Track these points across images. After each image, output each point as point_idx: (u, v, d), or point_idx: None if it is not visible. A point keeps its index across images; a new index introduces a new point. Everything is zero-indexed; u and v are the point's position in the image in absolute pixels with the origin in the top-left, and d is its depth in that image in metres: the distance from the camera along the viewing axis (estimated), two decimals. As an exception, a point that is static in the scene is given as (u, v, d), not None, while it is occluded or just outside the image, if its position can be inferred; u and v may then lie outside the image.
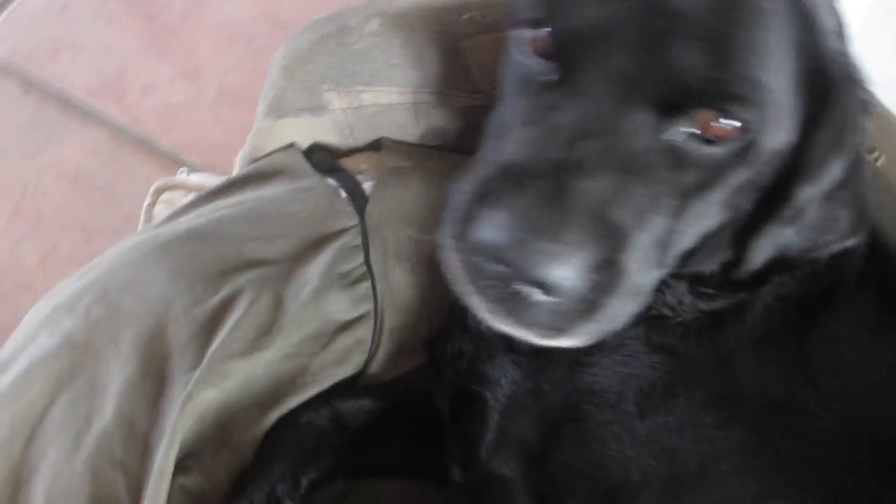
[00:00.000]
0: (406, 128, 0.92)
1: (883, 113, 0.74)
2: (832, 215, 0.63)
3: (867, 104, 0.60)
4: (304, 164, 0.88)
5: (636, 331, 0.66)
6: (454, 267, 0.53)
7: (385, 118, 0.91)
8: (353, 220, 0.85)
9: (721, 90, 0.51)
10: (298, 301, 0.78)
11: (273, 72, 0.90)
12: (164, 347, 0.75)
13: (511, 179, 0.50)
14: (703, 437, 0.61)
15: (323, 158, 0.90)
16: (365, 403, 0.80)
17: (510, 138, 0.55)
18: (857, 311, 0.68)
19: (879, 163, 0.74)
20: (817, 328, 0.65)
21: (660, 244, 0.55)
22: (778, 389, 0.63)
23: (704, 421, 0.62)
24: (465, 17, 0.89)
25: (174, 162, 1.22)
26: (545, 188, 0.48)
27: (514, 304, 0.50)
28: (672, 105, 0.51)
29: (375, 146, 0.93)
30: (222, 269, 0.79)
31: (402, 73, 0.89)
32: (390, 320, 0.83)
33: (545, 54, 0.56)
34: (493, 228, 0.48)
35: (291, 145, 0.90)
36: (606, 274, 0.49)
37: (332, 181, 0.88)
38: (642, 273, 0.53)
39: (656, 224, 0.53)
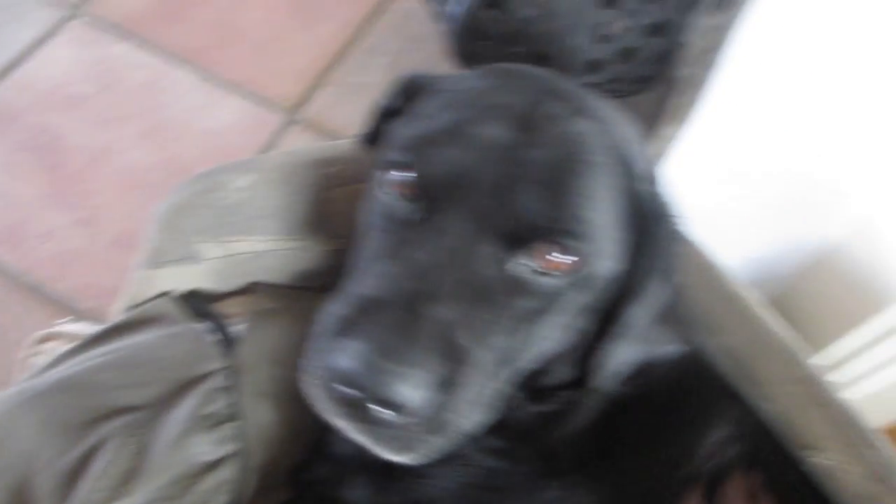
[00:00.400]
0: (276, 272, 0.97)
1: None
2: (662, 333, 0.72)
3: (676, 234, 0.70)
4: (177, 311, 0.92)
5: (478, 441, 0.71)
6: (317, 395, 0.58)
7: (257, 264, 0.96)
8: (220, 363, 0.89)
9: (556, 227, 0.59)
10: (163, 446, 0.80)
11: (151, 225, 0.96)
12: (29, 501, 0.76)
13: (367, 310, 0.55)
14: None
15: (195, 304, 0.94)
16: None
17: (371, 272, 0.61)
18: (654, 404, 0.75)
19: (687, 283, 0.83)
20: (615, 423, 0.73)
21: (501, 362, 0.61)
22: (587, 478, 0.70)
23: None
24: (331, 170, 0.98)
25: (66, 308, 1.25)
26: (397, 316, 0.54)
27: (370, 425, 0.54)
28: (516, 240, 0.59)
29: (247, 290, 0.98)
30: (89, 418, 0.81)
31: (273, 223, 0.95)
32: (257, 458, 0.85)
33: (409, 196, 0.63)
34: (346, 356, 0.52)
35: (166, 293, 0.94)
36: (448, 392, 0.54)
37: (202, 326, 0.92)
38: (482, 388, 0.58)
39: (497, 344, 0.59)
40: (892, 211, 0.81)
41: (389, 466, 0.73)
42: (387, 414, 0.52)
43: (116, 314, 0.97)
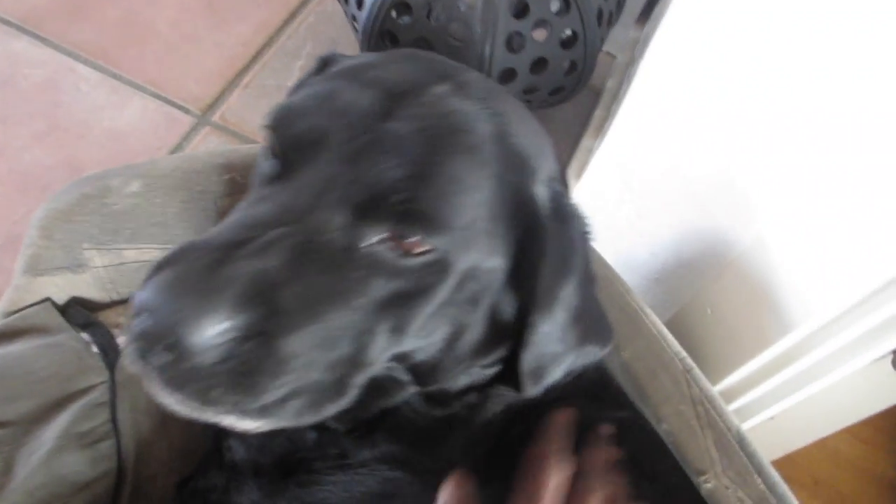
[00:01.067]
0: (168, 281, 0.94)
1: None
2: (578, 336, 0.69)
3: (587, 236, 0.68)
4: (57, 319, 0.88)
5: (376, 448, 0.70)
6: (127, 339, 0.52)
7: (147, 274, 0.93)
8: (101, 377, 0.84)
9: (407, 208, 0.55)
10: (29, 464, 0.75)
11: (31, 230, 0.91)
12: None
13: (186, 251, 0.51)
14: None
15: (78, 313, 0.90)
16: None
17: (219, 224, 0.58)
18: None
19: None
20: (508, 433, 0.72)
21: (348, 339, 0.57)
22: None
23: None
24: (225, 177, 0.94)
25: (-51, 314, 1.18)
26: (208, 260, 0.49)
27: (168, 371, 0.49)
28: (366, 213, 0.55)
29: (135, 300, 0.94)
30: (-49, 433, 0.76)
31: (164, 231, 0.91)
32: (134, 476, 0.82)
33: (272, 154, 0.61)
34: (146, 290, 0.48)
35: (46, 300, 0.89)
36: (255, 346, 0.50)
37: (85, 336, 0.88)
38: (309, 360, 0.54)
39: (337, 319, 0.55)
40: (782, 233, 0.83)
41: (281, 472, 0.72)
42: (170, 355, 0.48)
43: (-7, 323, 0.92)
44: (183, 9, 1.75)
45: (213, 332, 0.48)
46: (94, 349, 0.87)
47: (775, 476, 0.72)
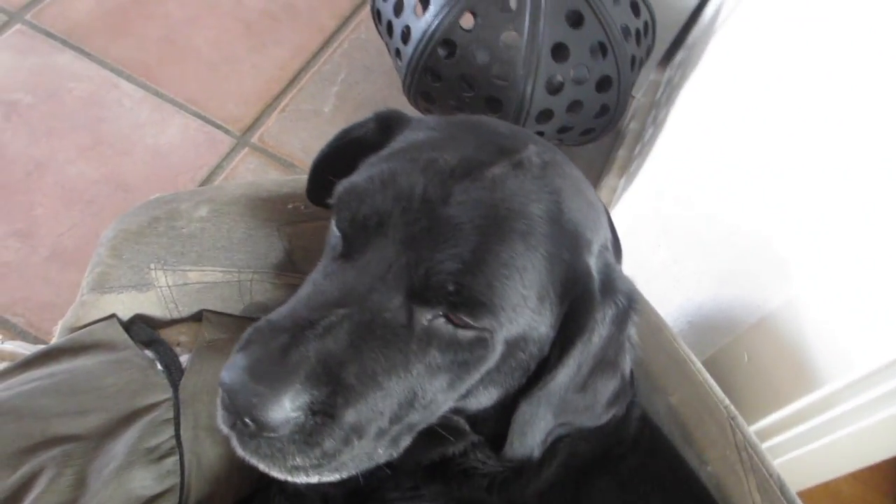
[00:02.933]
0: (229, 302, 0.97)
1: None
2: (591, 401, 0.73)
3: (624, 308, 0.69)
4: (122, 336, 0.91)
5: (447, 486, 0.75)
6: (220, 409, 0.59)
7: (209, 294, 0.96)
8: (166, 394, 0.87)
9: (459, 297, 0.59)
10: (101, 478, 0.78)
11: (100, 249, 0.94)
12: (-38, 532, 0.74)
13: (262, 331, 0.58)
14: None
15: (142, 330, 0.93)
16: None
17: (292, 298, 0.64)
18: (624, 474, 0.78)
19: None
20: (590, 486, 0.75)
21: (405, 403, 0.62)
22: None
23: None
24: (289, 206, 0.98)
25: (-3, 322, 1.21)
26: (280, 342, 0.56)
27: (247, 437, 0.57)
28: (422, 297, 0.60)
29: (197, 317, 0.97)
30: (25, 445, 0.78)
31: (228, 255, 0.95)
32: (197, 492, 0.85)
33: (341, 234, 0.65)
34: (227, 371, 0.56)
35: (112, 316, 0.93)
36: (323, 418, 0.57)
37: (149, 353, 0.91)
38: (371, 423, 0.60)
39: (395, 386, 0.61)
40: (818, 288, 0.87)
41: (350, 502, 0.76)
42: (251, 427, 0.56)
43: (58, 335, 0.95)
44: (222, 30, 1.79)
45: (286, 411, 0.55)
46: (159, 366, 0.90)
47: None
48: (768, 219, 0.92)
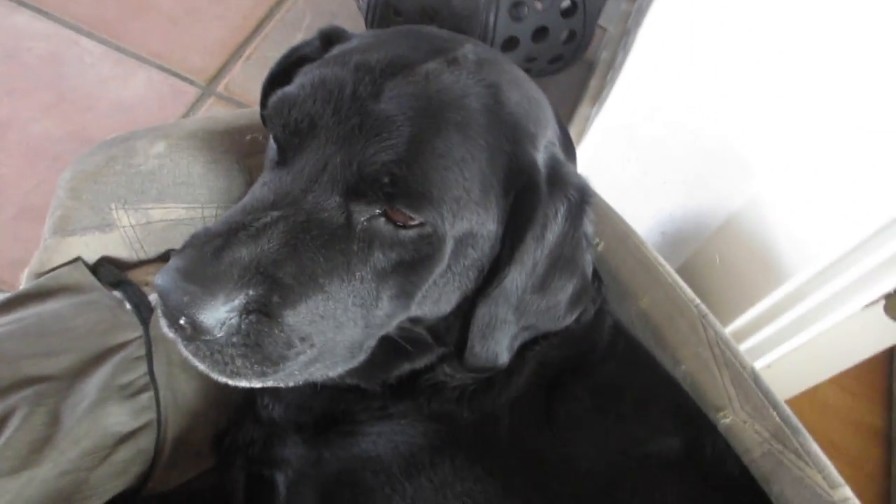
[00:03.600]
0: (194, 240, 0.96)
1: (602, 205, 0.88)
2: (552, 301, 0.72)
3: (576, 202, 0.68)
4: (89, 278, 0.90)
5: (416, 401, 0.74)
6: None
7: (174, 232, 0.95)
8: (137, 332, 0.87)
9: (396, 188, 0.58)
10: (75, 415, 0.78)
11: (59, 191, 0.93)
12: (-71, 472, 0.73)
13: (197, 237, 0.58)
14: (462, 493, 0.68)
15: (109, 272, 0.92)
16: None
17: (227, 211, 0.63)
18: (598, 379, 0.78)
19: (600, 247, 0.86)
20: (562, 392, 0.75)
21: (355, 307, 0.62)
22: (529, 443, 0.72)
23: (465, 477, 0.69)
24: (247, 137, 0.97)
25: (-32, 282, 1.20)
26: (211, 247, 0.56)
27: (189, 340, 0.57)
28: (358, 194, 0.59)
29: (164, 257, 0.96)
30: (-4, 387, 0.78)
31: (189, 191, 0.94)
32: (174, 427, 0.85)
33: (276, 142, 0.65)
34: (161, 277, 0.55)
35: (77, 259, 0.92)
36: (259, 318, 0.56)
37: (117, 294, 0.90)
38: (315, 326, 0.59)
39: (339, 288, 0.60)
40: (780, 186, 0.87)
41: (321, 426, 0.76)
42: (188, 330, 0.55)
43: (24, 283, 0.94)
44: (182, -18, 1.75)
45: (218, 311, 0.54)
46: (128, 306, 0.90)
47: (788, 410, 0.76)
48: (730, 120, 0.91)
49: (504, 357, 0.70)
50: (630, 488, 0.71)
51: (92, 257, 0.93)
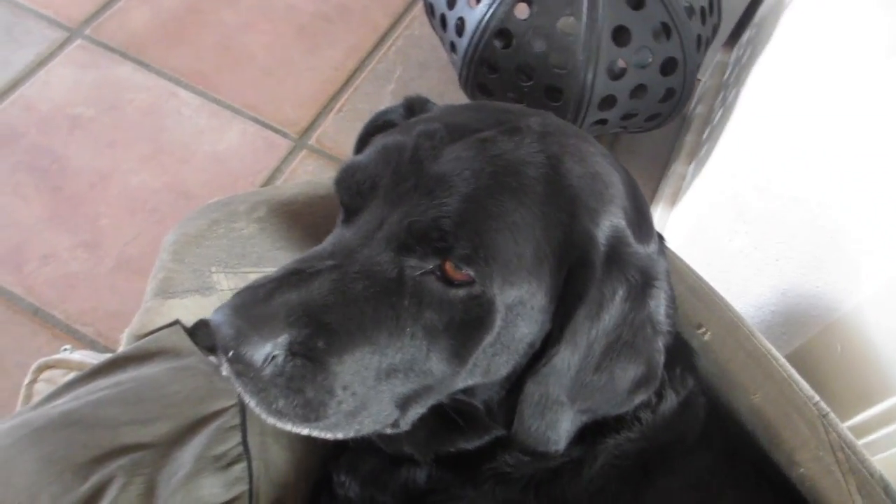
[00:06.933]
0: (291, 305, 0.96)
1: (706, 291, 0.83)
2: (610, 386, 0.68)
3: (638, 284, 0.65)
4: (186, 342, 0.90)
5: (485, 487, 0.72)
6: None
7: (271, 297, 0.95)
8: (231, 400, 0.86)
9: (445, 244, 0.59)
10: (170, 487, 0.78)
11: (163, 254, 0.94)
12: (33, 541, 0.74)
13: (254, 282, 0.61)
14: None
15: (206, 335, 0.92)
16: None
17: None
18: (693, 474, 0.73)
19: (706, 337, 0.81)
20: (654, 488, 0.70)
21: (401, 364, 0.62)
22: None
23: None
24: (347, 202, 0.97)
25: (67, 331, 1.22)
26: (264, 290, 0.58)
27: (241, 378, 0.59)
28: (408, 248, 0.60)
29: (260, 323, 0.96)
30: (94, 455, 0.78)
31: (288, 255, 0.94)
32: (265, 499, 0.84)
33: (341, 204, 0.68)
34: (216, 312, 0.58)
35: (176, 322, 0.92)
36: (304, 362, 0.57)
37: (213, 359, 0.90)
38: (359, 377, 0.60)
39: (386, 340, 0.60)
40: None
41: (376, 485, 0.77)
42: (237, 365, 0.57)
43: (124, 344, 0.95)
44: (276, 34, 1.79)
45: (264, 347, 0.56)
46: (224, 372, 0.89)
47: None
48: (852, 198, 0.85)
49: (561, 441, 0.68)
50: None
51: (191, 320, 0.94)
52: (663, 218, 1.39)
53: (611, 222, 0.65)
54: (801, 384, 0.79)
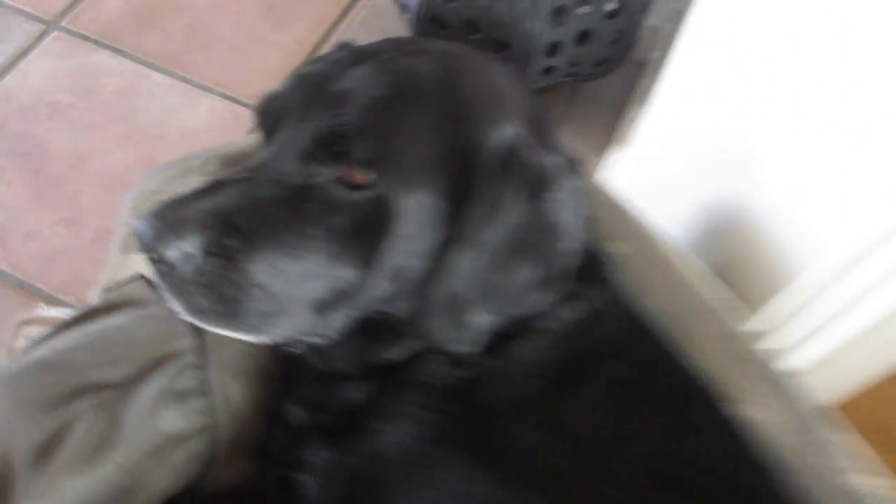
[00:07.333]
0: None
1: (623, 209, 0.88)
2: (513, 285, 0.72)
3: (535, 187, 0.69)
4: (150, 293, 0.96)
5: (409, 395, 0.75)
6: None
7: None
8: (192, 341, 0.92)
9: (345, 151, 0.64)
10: (134, 419, 0.83)
11: (124, 212, 1.00)
12: (7, 473, 0.80)
13: (177, 197, 0.65)
14: (464, 492, 0.70)
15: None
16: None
17: None
18: (612, 382, 0.76)
19: (623, 249, 0.86)
20: (574, 396, 0.74)
21: (315, 267, 0.66)
22: (541, 455, 0.72)
23: (469, 478, 0.71)
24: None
25: (51, 301, 1.30)
26: (185, 197, 0.63)
27: (166, 278, 0.64)
28: (313, 157, 0.65)
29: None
30: (63, 395, 0.84)
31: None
32: (226, 431, 0.89)
33: (261, 130, 0.73)
34: (140, 220, 0.62)
35: (140, 276, 0.98)
36: (220, 261, 0.62)
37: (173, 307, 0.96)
38: (272, 277, 0.65)
39: (296, 242, 0.65)
40: (801, 181, 0.86)
41: (341, 428, 0.78)
42: (160, 265, 0.62)
43: (97, 299, 1.01)
44: (243, 13, 1.85)
45: (181, 245, 0.61)
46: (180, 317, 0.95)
47: (808, 401, 0.75)
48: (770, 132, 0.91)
49: (476, 341, 0.73)
50: None
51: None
52: (618, 159, 1.43)
53: (508, 130, 0.69)
54: (704, 286, 0.84)
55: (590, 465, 0.71)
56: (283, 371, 0.92)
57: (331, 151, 0.65)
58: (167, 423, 0.85)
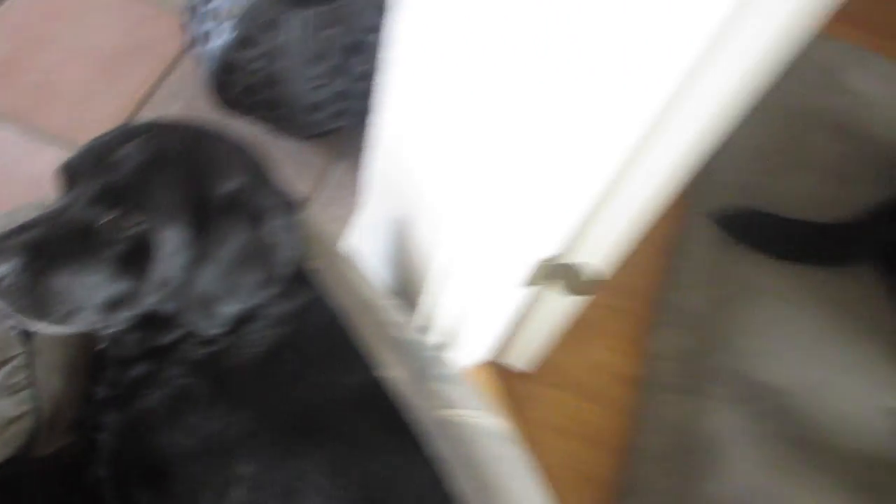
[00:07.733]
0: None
1: (320, 234, 1.21)
2: (243, 281, 1.04)
3: (252, 222, 1.00)
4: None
5: (172, 370, 1.08)
6: None
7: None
8: (23, 348, 1.20)
9: (116, 201, 0.92)
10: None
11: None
12: None
13: (2, 234, 0.91)
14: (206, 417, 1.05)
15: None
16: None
17: None
18: (313, 352, 1.12)
19: (317, 265, 1.18)
20: (290, 362, 1.09)
21: (98, 281, 0.93)
22: (258, 393, 1.07)
23: (211, 411, 1.05)
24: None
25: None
26: (6, 234, 0.90)
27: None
28: (96, 203, 0.95)
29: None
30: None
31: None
32: (48, 413, 1.19)
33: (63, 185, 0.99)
34: None
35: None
36: (30, 276, 0.89)
37: (8, 321, 1.22)
38: (69, 287, 0.92)
39: (84, 266, 0.92)
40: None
41: (127, 398, 1.09)
42: None
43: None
44: (85, 70, 2.12)
45: (2, 268, 0.86)
46: (14, 330, 1.24)
47: (432, 363, 1.11)
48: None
49: (224, 324, 1.05)
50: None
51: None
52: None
53: (233, 182, 1.01)
54: (375, 289, 1.20)
55: (282, 398, 1.06)
56: (92, 365, 1.19)
57: (110, 200, 0.94)
58: (1, 409, 1.14)
